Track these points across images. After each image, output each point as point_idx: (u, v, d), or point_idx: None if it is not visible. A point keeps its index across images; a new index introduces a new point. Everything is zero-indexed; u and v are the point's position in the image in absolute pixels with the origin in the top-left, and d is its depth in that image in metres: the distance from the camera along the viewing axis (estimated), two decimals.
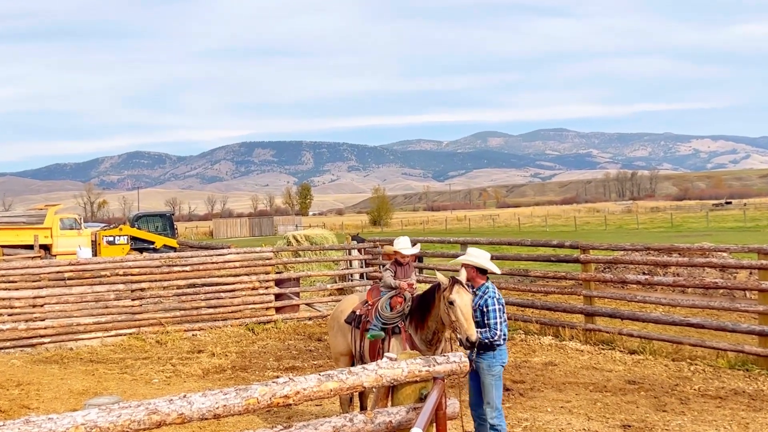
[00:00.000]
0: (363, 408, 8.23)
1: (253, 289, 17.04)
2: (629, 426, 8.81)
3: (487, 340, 7.23)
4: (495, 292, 7.45)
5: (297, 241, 24.01)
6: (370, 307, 7.93)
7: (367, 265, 18.98)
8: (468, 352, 7.09)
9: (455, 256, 17.46)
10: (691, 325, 12.41)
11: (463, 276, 7.13)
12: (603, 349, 13.02)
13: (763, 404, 9.55)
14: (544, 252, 16.29)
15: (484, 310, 7.35)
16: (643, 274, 17.33)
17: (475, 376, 7.49)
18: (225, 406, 3.95)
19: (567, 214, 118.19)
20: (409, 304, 7.62)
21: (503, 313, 7.42)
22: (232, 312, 16.74)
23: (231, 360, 13.63)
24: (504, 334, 7.36)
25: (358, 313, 8.07)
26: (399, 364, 4.45)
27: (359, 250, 19.22)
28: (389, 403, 4.65)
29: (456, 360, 4.65)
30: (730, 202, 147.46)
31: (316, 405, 10.00)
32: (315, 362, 13.19)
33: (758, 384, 10.44)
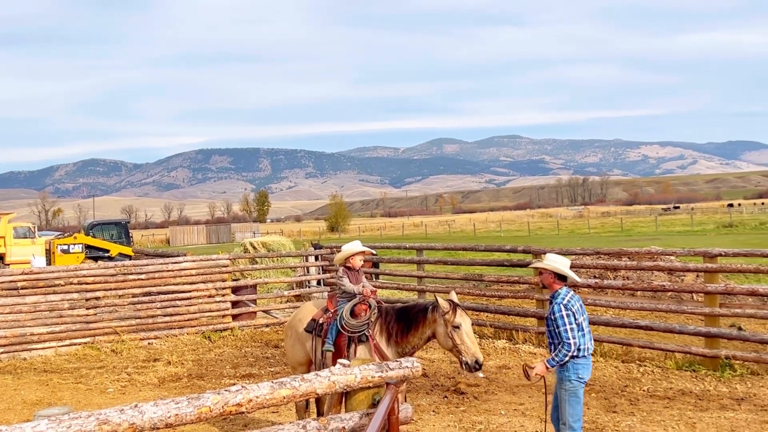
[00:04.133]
0: (320, 414, 8.15)
1: (209, 296, 16.86)
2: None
3: (565, 357, 6.75)
4: (564, 298, 6.90)
5: (254, 248, 23.84)
6: (331, 315, 7.72)
7: (325, 271, 18.93)
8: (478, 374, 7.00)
9: (411, 262, 17.55)
10: (640, 328, 12.59)
11: (454, 296, 7.09)
12: None
13: (710, 404, 9.71)
14: (498, 257, 16.39)
15: (552, 318, 6.90)
16: (594, 277, 17.52)
17: (555, 395, 7.18)
18: (177, 415, 3.90)
19: (521, 220, 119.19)
20: (375, 312, 7.41)
21: (576, 318, 6.85)
22: (188, 320, 16.54)
23: (187, 368, 13.46)
24: (580, 344, 6.80)
25: (319, 321, 7.80)
26: (352, 370, 4.44)
27: (316, 257, 19.16)
28: (343, 409, 4.64)
29: (408, 365, 4.65)
30: (678, 207, 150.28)
31: (273, 412, 9.93)
32: (272, 369, 13.09)
33: (705, 384, 10.62)
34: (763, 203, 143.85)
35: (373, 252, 8.74)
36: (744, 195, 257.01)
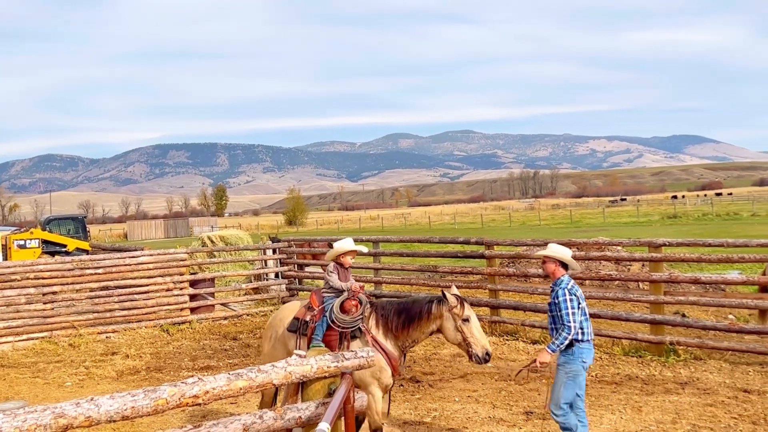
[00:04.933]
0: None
1: (167, 290, 16.68)
2: (531, 413, 9.00)
3: (564, 340, 6.78)
4: (567, 284, 6.99)
5: (212, 242, 23.63)
6: (318, 313, 7.42)
7: (283, 264, 18.84)
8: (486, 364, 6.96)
9: (368, 254, 17.52)
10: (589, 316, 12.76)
11: (455, 290, 7.01)
12: (507, 339, 13.27)
13: (655, 388, 9.90)
14: (452, 248, 16.52)
15: (556, 302, 6.96)
16: None
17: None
18: (133, 407, 3.84)
19: (474, 212, 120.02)
20: (367, 306, 7.25)
21: (578, 304, 6.94)
22: (146, 313, 16.33)
23: (145, 361, 13.30)
24: (583, 328, 6.88)
25: (305, 319, 7.44)
26: (308, 361, 4.42)
27: (274, 250, 19.06)
28: (299, 399, 4.62)
29: (363, 355, 4.65)
30: (624, 199, 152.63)
31: (232, 403, 9.87)
32: (230, 361, 13.00)
33: (650, 369, 10.82)
34: (705, 195, 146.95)
35: (365, 251, 8.50)
36: (687, 187, 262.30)
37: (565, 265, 7.14)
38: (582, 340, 6.87)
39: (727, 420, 8.48)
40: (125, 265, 16.43)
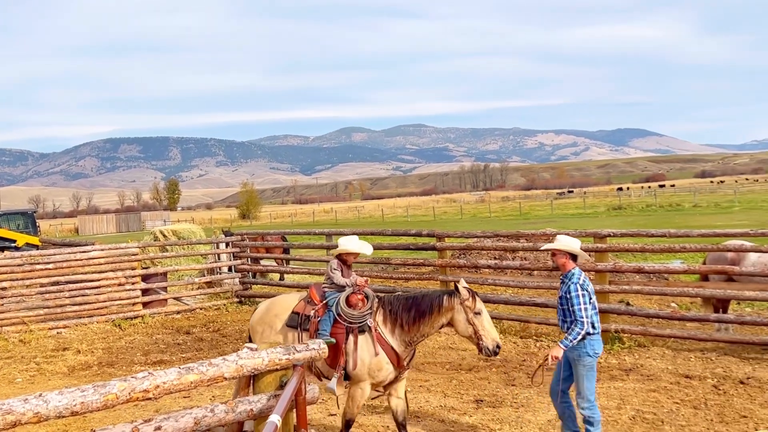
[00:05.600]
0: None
1: (119, 285, 16.43)
2: (482, 401, 9.09)
3: (578, 335, 6.73)
4: (579, 278, 6.91)
5: (164, 236, 23.29)
6: (319, 307, 7.19)
7: (236, 257, 18.69)
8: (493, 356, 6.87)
9: (321, 247, 17.50)
10: (536, 305, 12.94)
11: (464, 283, 6.90)
12: None
13: (601, 375, 10.05)
14: (405, 241, 16.57)
15: (568, 296, 6.89)
16: (494, 259, 17.88)
17: (563, 365, 7.10)
18: (83, 403, 3.77)
19: (426, 205, 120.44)
20: (375, 301, 7.09)
21: (590, 299, 6.86)
22: (98, 308, 16.08)
23: (97, 356, 13.10)
24: (593, 322, 6.81)
25: (307, 314, 7.22)
26: (259, 353, 4.39)
27: (227, 244, 18.90)
28: (251, 392, 4.59)
29: (315, 347, 4.63)
30: (572, 191, 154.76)
31: (185, 397, 9.77)
32: (183, 355, 12.87)
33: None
34: (649, 187, 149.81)
35: (368, 253, 8.27)
36: (632, 179, 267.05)
37: (574, 257, 7.08)
38: (593, 333, 6.84)
39: (669, 405, 8.68)
40: (76, 260, 16.15)
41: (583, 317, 6.73)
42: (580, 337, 6.74)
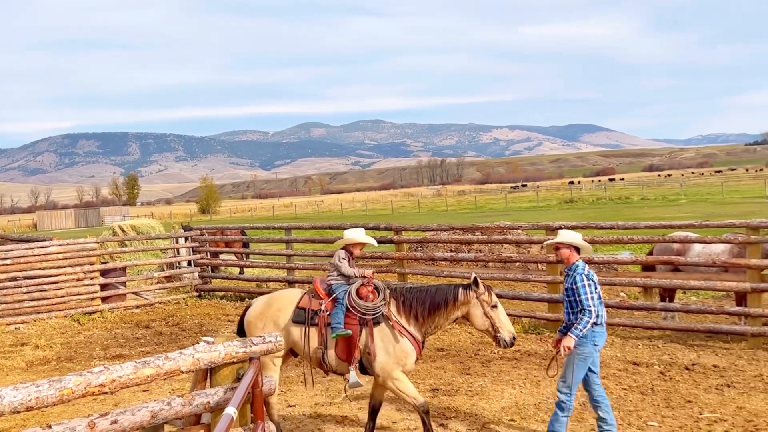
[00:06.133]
0: None
1: (77, 280, 16.18)
2: (438, 389, 9.13)
3: (587, 324, 6.67)
4: (584, 269, 6.89)
5: (123, 231, 22.96)
6: (329, 301, 6.97)
7: (195, 252, 18.50)
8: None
9: (281, 241, 17.39)
10: None
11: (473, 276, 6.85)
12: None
13: (553, 362, 10.18)
14: None
15: (574, 287, 6.83)
16: (450, 251, 17.96)
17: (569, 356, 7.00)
18: (38, 398, 3.70)
19: (385, 199, 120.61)
20: (386, 292, 6.95)
21: (595, 289, 6.84)
22: (56, 304, 15.81)
23: (56, 351, 12.86)
24: (599, 311, 6.80)
25: (315, 309, 6.98)
26: (216, 347, 4.35)
27: (186, 239, 18.70)
28: (208, 385, 4.54)
29: (272, 340, 4.60)
30: (525, 185, 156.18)
31: (144, 391, 9.65)
32: (142, 349, 12.70)
33: (548, 345, 11.12)
34: (599, 180, 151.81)
35: (375, 243, 8.14)
36: (583, 173, 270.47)
37: (578, 249, 7.08)
38: (597, 324, 6.82)
39: (618, 391, 8.82)
40: (33, 255, 15.86)
41: (590, 306, 6.72)
42: (588, 325, 6.73)
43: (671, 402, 8.35)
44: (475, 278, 6.77)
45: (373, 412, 7.11)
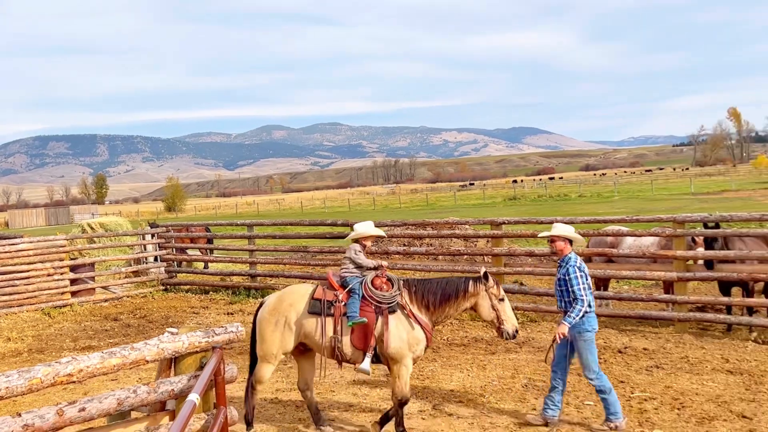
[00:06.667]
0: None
1: (48, 275, 15.85)
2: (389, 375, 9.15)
3: (580, 312, 6.75)
4: (576, 261, 6.95)
5: (92, 228, 22.52)
6: (345, 293, 6.85)
7: (161, 248, 18.24)
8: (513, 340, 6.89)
9: (243, 237, 17.24)
10: None
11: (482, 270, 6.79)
12: None
13: (497, 348, 10.30)
14: (322, 230, 16.49)
15: (567, 278, 6.89)
16: (403, 245, 17.99)
17: (563, 344, 7.02)
18: (8, 387, 3.61)
19: (342, 197, 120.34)
20: (400, 283, 6.89)
21: (586, 279, 6.89)
22: (27, 298, 15.48)
23: (27, 343, 12.56)
24: (590, 300, 6.84)
25: (326, 299, 6.84)
26: (180, 337, 4.30)
27: (153, 235, 18.43)
28: (172, 373, 4.49)
29: (233, 330, 4.56)
30: (473, 184, 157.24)
31: (112, 380, 9.49)
32: (111, 341, 12.48)
33: (493, 332, 11.17)
34: (540, 179, 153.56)
35: (385, 235, 8.04)
36: (525, 173, 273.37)
37: (570, 241, 7.12)
38: (589, 311, 6.88)
39: None
40: (5, 252, 15.53)
41: (582, 295, 6.79)
42: (581, 313, 6.78)
43: None
44: (485, 272, 6.77)
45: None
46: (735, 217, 11.28)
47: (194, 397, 3.54)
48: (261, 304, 7.31)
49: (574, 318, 6.78)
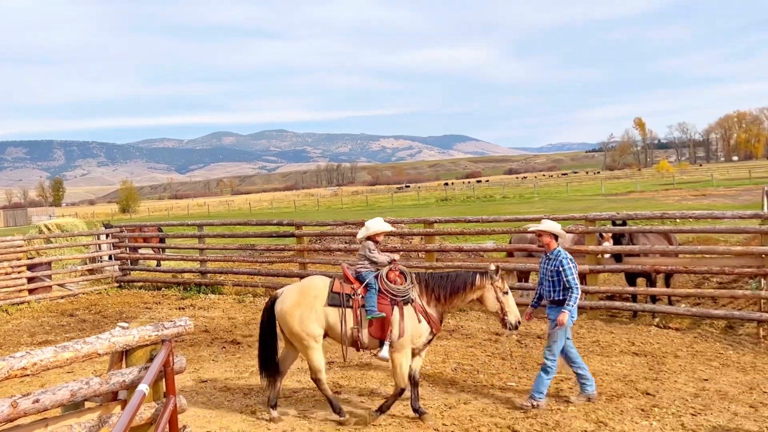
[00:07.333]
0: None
1: (5, 274, 15.26)
2: (333, 362, 9.10)
3: (576, 300, 6.84)
4: (566, 254, 7.00)
5: (48, 229, 21.70)
6: (355, 286, 6.77)
7: (115, 247, 17.76)
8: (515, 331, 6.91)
9: (194, 236, 16.92)
10: None
11: (492, 266, 6.72)
12: None
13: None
14: (268, 229, 16.29)
15: (560, 269, 6.90)
16: (345, 243, 17.98)
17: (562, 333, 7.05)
18: None
19: (289, 199, 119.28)
20: (412, 276, 6.82)
21: (576, 270, 7.00)
22: None
23: None
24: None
25: (346, 293, 6.74)
26: (131, 331, 4.19)
27: (107, 235, 17.92)
28: (124, 366, 4.37)
29: (182, 324, 4.47)
30: (408, 186, 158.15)
31: (68, 372, 9.18)
32: (67, 335, 12.08)
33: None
34: (469, 182, 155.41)
35: (394, 230, 7.87)
36: (456, 176, 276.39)
37: (556, 237, 7.15)
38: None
39: (483, 357, 9.07)
40: None
41: (577, 285, 6.87)
42: (578, 300, 6.87)
43: (526, 365, 8.67)
44: (497, 267, 6.77)
45: (415, 384, 6.91)
46: (640, 216, 11.64)
47: (144, 387, 3.46)
48: (274, 299, 7.07)
49: (572, 306, 6.89)
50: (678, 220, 17.96)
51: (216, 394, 7.95)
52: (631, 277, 11.47)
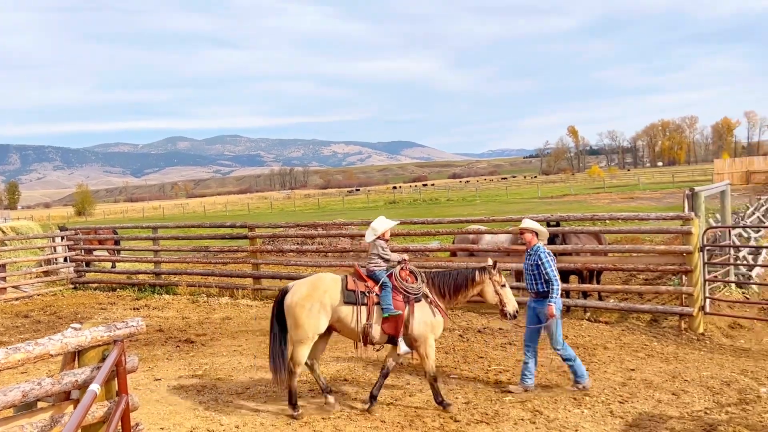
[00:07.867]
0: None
1: None
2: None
3: (559, 291, 7.02)
4: (545, 249, 7.16)
5: (3, 232, 20.88)
6: (369, 284, 6.68)
7: (71, 249, 17.21)
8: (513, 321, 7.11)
9: (148, 239, 16.54)
10: None
11: (491, 262, 6.80)
12: (268, 303, 13.19)
13: None
14: (222, 231, 16.06)
15: (539, 263, 7.04)
16: (296, 244, 17.84)
17: (532, 320, 7.28)
18: None
19: (243, 202, 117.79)
20: (422, 275, 6.81)
21: (554, 264, 7.12)
22: None
23: None
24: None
25: (359, 290, 6.65)
26: (83, 332, 4.06)
27: (62, 238, 17.35)
28: (76, 366, 4.23)
29: (134, 325, 4.35)
30: (358, 190, 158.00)
31: (23, 373, 8.84)
32: (21, 336, 11.64)
33: None
34: (416, 186, 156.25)
35: (397, 222, 7.76)
36: (403, 180, 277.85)
37: (537, 234, 7.29)
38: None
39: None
40: None
41: (556, 277, 7.04)
42: (559, 292, 7.06)
43: (468, 358, 8.76)
44: (494, 262, 6.86)
45: (386, 374, 6.97)
46: (572, 217, 11.90)
47: (95, 386, 3.35)
48: (284, 292, 6.92)
49: (555, 297, 7.08)
50: (607, 221, 18.47)
51: (170, 392, 7.78)
52: (564, 275, 11.71)
